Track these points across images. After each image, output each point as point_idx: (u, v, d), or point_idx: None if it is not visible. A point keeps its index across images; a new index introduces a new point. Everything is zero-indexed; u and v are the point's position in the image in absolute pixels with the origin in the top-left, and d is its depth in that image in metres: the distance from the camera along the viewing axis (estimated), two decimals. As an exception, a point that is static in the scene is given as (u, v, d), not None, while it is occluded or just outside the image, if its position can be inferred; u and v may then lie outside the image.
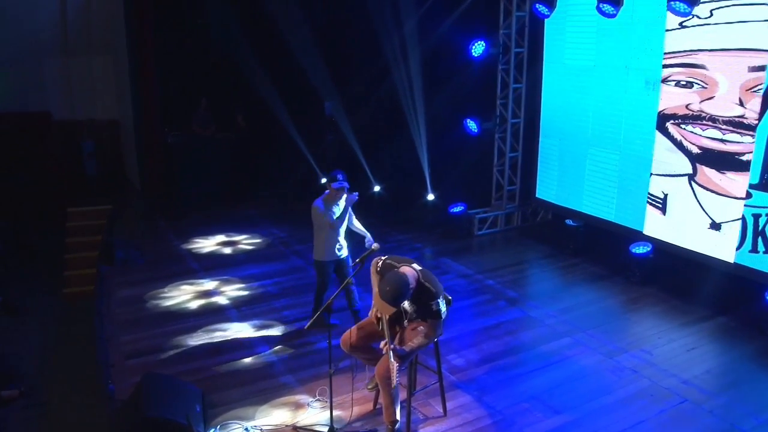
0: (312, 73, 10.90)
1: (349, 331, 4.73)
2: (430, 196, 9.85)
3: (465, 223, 9.38)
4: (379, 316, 4.54)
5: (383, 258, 4.56)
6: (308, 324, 4.45)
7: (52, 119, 12.22)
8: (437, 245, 9.10)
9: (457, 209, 9.31)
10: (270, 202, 11.07)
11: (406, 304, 4.37)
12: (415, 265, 4.40)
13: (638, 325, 6.65)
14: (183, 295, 7.33)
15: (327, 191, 5.97)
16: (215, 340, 6.26)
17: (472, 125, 9.19)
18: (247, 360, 5.90)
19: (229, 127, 11.70)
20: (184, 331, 6.43)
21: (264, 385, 5.42)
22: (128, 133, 12.19)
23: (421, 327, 4.47)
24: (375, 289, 4.58)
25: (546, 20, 8.62)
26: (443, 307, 4.37)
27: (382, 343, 4.40)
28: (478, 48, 8.79)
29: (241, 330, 6.49)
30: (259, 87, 11.01)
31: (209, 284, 7.63)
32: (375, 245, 4.77)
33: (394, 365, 4.16)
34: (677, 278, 7.46)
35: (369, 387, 5.26)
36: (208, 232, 9.58)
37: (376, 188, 10.37)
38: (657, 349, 6.11)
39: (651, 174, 7.55)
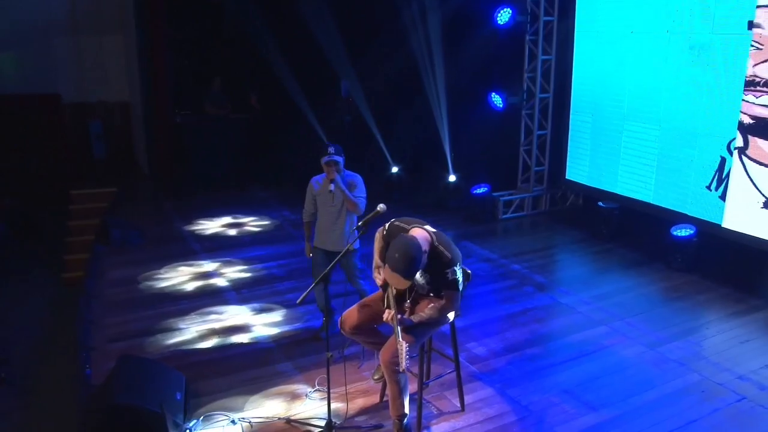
0: (328, 51, 10.30)
1: (351, 309, 4.08)
2: (452, 177, 9.19)
3: (489, 206, 8.70)
4: (384, 288, 3.93)
5: (391, 221, 3.92)
6: (300, 299, 3.81)
7: (61, 101, 11.85)
8: (459, 228, 8.42)
9: (480, 190, 8.62)
10: (283, 184, 10.47)
11: (417, 274, 3.73)
12: (427, 227, 3.75)
13: (683, 314, 5.90)
14: (179, 277, 6.78)
15: None
16: (208, 324, 5.67)
17: (497, 100, 8.50)
18: (242, 345, 5.30)
19: (243, 107, 11.20)
20: (175, 314, 5.86)
21: (258, 373, 4.81)
22: (138, 114, 11.76)
23: (433, 303, 3.82)
24: (376, 256, 3.96)
25: (578, -16, 7.91)
26: (460, 276, 3.72)
27: (386, 313, 3.76)
28: (503, 15, 8.11)
29: (238, 313, 5.90)
30: (273, 66, 10.48)
31: (209, 266, 7.06)
32: (381, 206, 4.11)
33: (403, 345, 3.52)
34: (725, 264, 6.68)
35: (375, 377, 4.63)
36: (214, 213, 9.03)
37: (394, 169, 9.76)
38: (706, 340, 5.37)
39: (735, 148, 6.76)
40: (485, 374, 4.80)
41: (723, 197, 6.54)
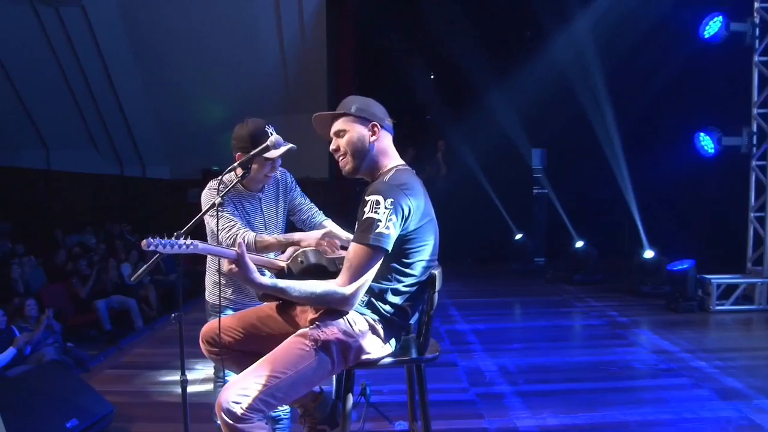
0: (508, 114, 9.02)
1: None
2: (649, 253, 6.88)
3: (693, 291, 6.17)
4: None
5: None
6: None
7: (270, 178, 12.51)
8: (646, 316, 6.07)
9: (680, 267, 6.18)
10: (454, 260, 9.23)
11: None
12: None
13: None
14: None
15: None
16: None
17: (706, 143, 6.18)
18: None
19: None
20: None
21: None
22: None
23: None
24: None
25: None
26: (387, 223, 2.12)
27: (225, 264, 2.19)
28: (712, 26, 6.00)
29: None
30: (455, 140, 9.69)
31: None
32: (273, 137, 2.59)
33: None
34: None
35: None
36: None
37: (579, 244, 7.79)
38: None
39: None
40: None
41: None
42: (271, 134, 2.75)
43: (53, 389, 3.21)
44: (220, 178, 2.64)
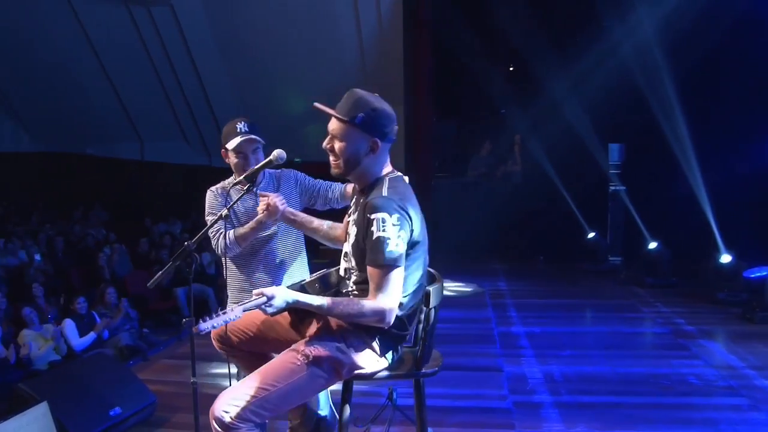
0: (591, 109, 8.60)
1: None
2: (725, 258, 6.46)
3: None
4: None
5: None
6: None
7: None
8: (716, 326, 5.73)
9: (759, 274, 5.78)
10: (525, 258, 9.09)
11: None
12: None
13: None
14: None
15: None
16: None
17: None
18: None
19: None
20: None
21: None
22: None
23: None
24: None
25: None
26: (395, 240, 2.09)
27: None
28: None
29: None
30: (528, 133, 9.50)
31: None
32: (277, 152, 2.62)
33: (236, 312, 2.14)
34: None
35: None
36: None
37: (652, 245, 7.44)
38: None
39: None
40: None
41: None
42: (241, 129, 2.85)
43: (99, 379, 3.49)
44: (224, 184, 2.99)
